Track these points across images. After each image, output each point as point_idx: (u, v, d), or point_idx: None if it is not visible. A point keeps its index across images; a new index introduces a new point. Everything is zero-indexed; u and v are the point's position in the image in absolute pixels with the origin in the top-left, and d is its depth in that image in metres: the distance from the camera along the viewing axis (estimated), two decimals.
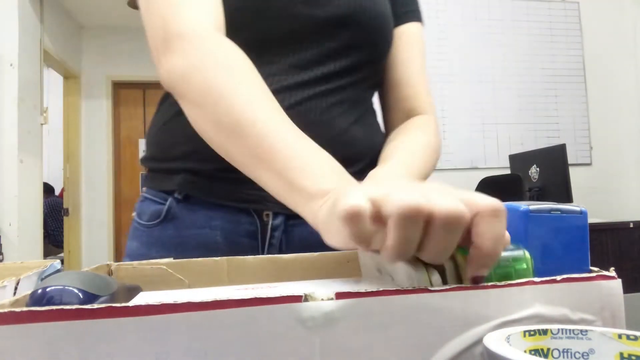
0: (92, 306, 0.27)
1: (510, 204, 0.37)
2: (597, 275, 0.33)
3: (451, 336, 0.30)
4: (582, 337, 0.27)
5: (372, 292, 0.30)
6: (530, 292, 0.31)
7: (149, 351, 0.27)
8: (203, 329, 0.28)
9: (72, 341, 0.26)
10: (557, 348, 0.27)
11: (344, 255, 0.49)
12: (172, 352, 0.27)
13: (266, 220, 0.63)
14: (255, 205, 0.62)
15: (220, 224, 0.63)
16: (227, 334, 0.28)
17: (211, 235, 0.62)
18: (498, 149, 3.57)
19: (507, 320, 0.30)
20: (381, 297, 0.30)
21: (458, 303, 0.30)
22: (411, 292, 0.30)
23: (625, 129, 3.74)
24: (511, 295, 0.31)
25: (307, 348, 0.28)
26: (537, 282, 0.31)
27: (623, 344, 0.26)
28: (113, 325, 0.27)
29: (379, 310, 0.29)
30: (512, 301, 0.31)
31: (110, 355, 0.26)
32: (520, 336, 0.27)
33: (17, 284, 0.41)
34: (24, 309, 0.26)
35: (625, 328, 0.32)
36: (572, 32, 3.74)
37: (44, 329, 0.26)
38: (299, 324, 0.28)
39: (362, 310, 0.29)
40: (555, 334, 0.28)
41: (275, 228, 0.63)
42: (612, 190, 3.64)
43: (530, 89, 3.64)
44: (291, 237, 0.65)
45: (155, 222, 0.65)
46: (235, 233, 0.63)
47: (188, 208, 0.64)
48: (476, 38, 3.59)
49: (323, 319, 0.28)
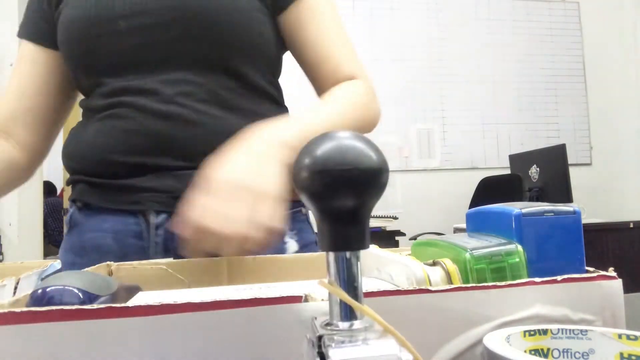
0: (92, 306, 0.27)
1: (503, 207, 0.37)
2: (598, 275, 0.33)
3: (452, 336, 0.30)
4: (582, 337, 0.27)
5: (372, 293, 0.30)
6: (531, 292, 0.31)
7: (149, 351, 0.27)
8: (203, 329, 0.27)
9: (72, 341, 0.26)
10: (557, 348, 0.27)
11: None
12: (172, 352, 0.27)
13: (149, 220, 0.66)
14: (139, 206, 0.66)
15: (111, 227, 0.67)
16: (227, 334, 0.28)
17: (103, 237, 0.67)
18: (498, 149, 3.57)
19: (508, 320, 0.30)
20: (381, 297, 0.30)
21: (458, 303, 0.30)
22: (411, 293, 0.30)
23: (625, 129, 3.74)
24: (511, 296, 0.31)
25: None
26: (538, 283, 0.31)
27: (623, 344, 0.26)
28: (113, 325, 0.27)
29: (379, 310, 0.29)
30: (512, 301, 0.31)
31: (111, 354, 0.26)
32: (520, 336, 0.27)
33: (17, 283, 0.41)
34: (24, 309, 0.26)
35: (625, 328, 0.32)
36: (572, 32, 3.74)
37: (44, 329, 0.26)
38: (299, 323, 0.28)
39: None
40: (555, 334, 0.28)
41: (158, 226, 0.66)
42: (612, 190, 3.64)
43: (530, 89, 3.64)
44: (176, 234, 0.66)
45: (67, 230, 0.72)
46: (124, 234, 0.66)
47: (86, 214, 0.70)
48: (476, 38, 3.59)
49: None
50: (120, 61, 0.68)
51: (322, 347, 0.22)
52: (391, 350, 0.21)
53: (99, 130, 0.67)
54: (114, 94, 0.67)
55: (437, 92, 3.51)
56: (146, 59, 0.67)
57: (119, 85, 0.67)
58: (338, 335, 0.23)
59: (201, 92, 0.67)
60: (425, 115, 3.45)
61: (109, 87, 0.68)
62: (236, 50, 0.69)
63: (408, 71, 3.43)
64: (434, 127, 3.49)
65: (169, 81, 0.66)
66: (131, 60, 0.68)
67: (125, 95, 0.67)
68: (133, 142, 0.65)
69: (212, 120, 0.66)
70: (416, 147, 3.45)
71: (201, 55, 0.67)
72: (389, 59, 3.39)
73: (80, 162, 0.69)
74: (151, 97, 0.66)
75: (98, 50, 0.68)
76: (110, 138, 0.66)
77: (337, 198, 0.23)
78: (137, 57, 0.67)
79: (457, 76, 3.54)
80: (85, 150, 0.68)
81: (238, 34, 0.69)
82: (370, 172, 0.23)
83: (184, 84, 0.66)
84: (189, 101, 0.66)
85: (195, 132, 0.65)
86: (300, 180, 0.24)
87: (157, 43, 0.67)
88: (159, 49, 0.67)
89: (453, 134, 3.51)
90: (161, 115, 0.65)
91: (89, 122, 0.70)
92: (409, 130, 3.43)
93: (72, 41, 0.70)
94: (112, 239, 0.66)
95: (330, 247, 0.24)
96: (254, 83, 0.71)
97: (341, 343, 0.22)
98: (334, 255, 0.24)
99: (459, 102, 3.53)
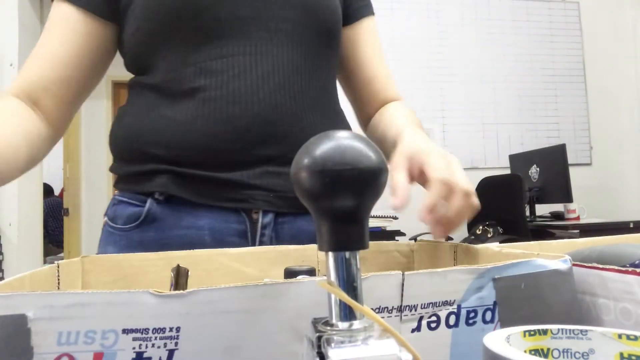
0: None
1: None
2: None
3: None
4: (582, 337, 0.27)
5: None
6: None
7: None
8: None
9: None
10: (557, 348, 0.27)
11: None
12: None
13: (255, 219, 0.63)
14: (243, 204, 0.62)
15: (208, 224, 0.62)
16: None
17: (198, 235, 0.62)
18: (498, 149, 3.57)
19: None
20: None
21: None
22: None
23: (625, 129, 3.74)
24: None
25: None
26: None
27: (623, 344, 0.26)
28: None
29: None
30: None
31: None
32: (520, 336, 0.27)
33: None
34: None
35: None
36: (572, 32, 3.74)
37: None
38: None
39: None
40: (555, 334, 0.28)
41: (265, 226, 0.64)
42: (612, 190, 3.64)
43: (530, 89, 3.64)
44: (281, 234, 0.65)
45: (132, 225, 0.64)
46: (224, 232, 0.62)
47: (171, 209, 0.63)
48: (476, 38, 3.59)
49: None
50: (228, 30, 0.62)
51: (322, 347, 0.22)
52: (391, 350, 0.21)
53: (196, 112, 0.61)
54: (216, 72, 0.62)
55: (437, 92, 3.50)
56: (255, 32, 0.63)
57: (220, 63, 0.62)
58: (338, 335, 0.23)
59: (309, 87, 0.67)
60: (425, 115, 3.45)
61: (209, 63, 0.62)
62: (333, 46, 0.72)
63: (408, 71, 3.43)
64: (434, 127, 3.48)
65: (279, 66, 0.64)
66: (241, 30, 0.63)
67: (228, 74, 0.61)
68: (245, 133, 0.60)
69: (313, 118, 0.67)
70: None
71: (309, 42, 0.68)
72: (389, 59, 3.37)
73: (168, 148, 0.61)
74: (261, 80, 0.62)
75: (206, 14, 0.62)
76: (217, 125, 0.60)
77: (336, 198, 0.23)
78: (247, 28, 0.63)
79: (457, 76, 3.54)
80: (178, 135, 0.61)
81: (336, 31, 0.72)
82: (370, 172, 0.23)
83: (294, 72, 0.65)
84: (296, 92, 0.65)
85: (302, 125, 0.64)
86: (299, 180, 0.24)
87: (271, 18, 0.64)
88: (270, 25, 0.64)
89: (453, 134, 3.51)
90: (271, 103, 0.62)
91: (174, 99, 0.63)
92: None
93: (175, 2, 0.62)
94: (210, 237, 0.62)
95: (330, 247, 0.24)
96: (334, 83, 0.76)
97: (341, 343, 0.22)
98: (333, 255, 0.24)
99: (459, 102, 3.53)
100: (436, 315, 0.33)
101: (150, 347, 0.27)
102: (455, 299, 0.33)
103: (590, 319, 0.36)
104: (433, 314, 0.33)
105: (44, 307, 0.26)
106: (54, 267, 0.42)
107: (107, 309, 0.26)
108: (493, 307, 0.34)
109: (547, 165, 3.00)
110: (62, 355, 0.26)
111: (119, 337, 0.26)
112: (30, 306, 0.26)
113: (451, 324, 0.33)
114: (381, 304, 0.31)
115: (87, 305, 0.26)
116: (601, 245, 0.44)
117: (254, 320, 0.28)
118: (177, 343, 0.27)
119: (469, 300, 0.33)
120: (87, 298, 0.26)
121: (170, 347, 0.27)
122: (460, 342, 0.33)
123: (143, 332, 0.27)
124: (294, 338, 0.29)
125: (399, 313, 0.32)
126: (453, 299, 0.33)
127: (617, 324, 0.34)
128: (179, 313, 0.27)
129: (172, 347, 0.27)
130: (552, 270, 0.35)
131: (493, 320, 0.34)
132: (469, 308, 0.33)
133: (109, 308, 0.26)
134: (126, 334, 0.27)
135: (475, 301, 0.33)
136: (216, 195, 0.62)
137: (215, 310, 0.28)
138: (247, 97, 0.61)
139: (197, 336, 0.27)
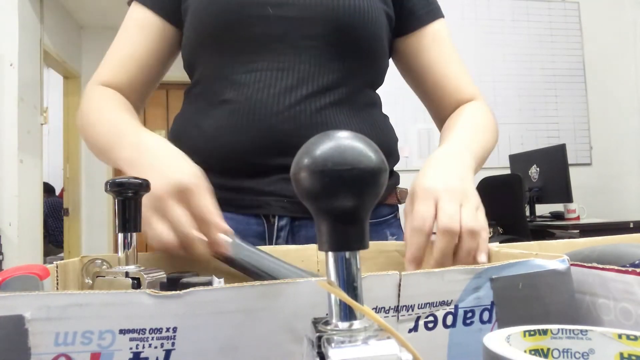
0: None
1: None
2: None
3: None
4: (582, 337, 0.27)
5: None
6: None
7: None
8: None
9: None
10: (557, 348, 0.27)
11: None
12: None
13: (272, 222, 0.68)
14: (260, 210, 0.67)
15: (233, 226, 0.65)
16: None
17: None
18: (498, 149, 3.57)
19: None
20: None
21: None
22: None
23: (625, 129, 3.74)
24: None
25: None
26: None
27: (623, 344, 0.26)
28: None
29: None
30: None
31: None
32: (520, 336, 0.27)
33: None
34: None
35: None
36: (572, 32, 3.74)
37: None
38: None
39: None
40: (555, 334, 0.27)
41: (281, 229, 0.68)
42: (612, 190, 3.64)
43: (530, 89, 3.64)
44: (297, 237, 0.68)
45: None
46: (245, 234, 0.66)
47: None
48: (476, 38, 3.59)
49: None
50: (259, 47, 0.67)
51: (322, 347, 0.22)
52: (391, 350, 0.21)
53: (223, 123, 0.66)
54: (242, 85, 0.67)
55: None
56: (284, 49, 0.67)
57: (247, 77, 0.67)
58: (338, 335, 0.22)
59: (335, 98, 0.68)
60: (425, 115, 3.40)
61: (238, 77, 0.67)
62: (369, 58, 0.73)
63: None
64: (434, 127, 3.47)
65: (302, 80, 0.67)
66: (270, 47, 0.67)
67: (254, 87, 0.66)
68: (262, 143, 0.65)
69: (337, 126, 0.68)
70: (416, 147, 3.45)
71: (339, 58, 0.69)
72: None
73: (196, 157, 0.65)
74: (283, 94, 0.66)
75: (240, 31, 0.67)
76: (239, 135, 0.65)
77: (336, 198, 0.23)
78: (276, 45, 0.67)
79: None
80: (205, 144, 0.67)
81: (372, 45, 0.72)
82: (369, 172, 0.23)
83: (318, 86, 0.67)
84: (320, 104, 0.67)
85: (314, 133, 0.65)
86: (299, 180, 0.23)
87: (300, 36, 0.67)
88: (299, 43, 0.67)
89: None
90: (291, 115, 0.65)
91: (208, 110, 0.69)
92: (409, 130, 3.43)
93: (216, 16, 0.68)
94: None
95: (330, 247, 0.24)
96: (372, 90, 0.77)
97: (341, 343, 0.22)
98: (333, 256, 0.24)
99: None
100: (433, 316, 0.33)
101: (147, 347, 0.27)
102: (453, 299, 0.33)
103: (590, 319, 0.36)
104: (430, 314, 0.33)
105: (41, 307, 0.26)
106: (52, 267, 0.42)
107: (104, 309, 0.26)
108: (490, 307, 0.34)
109: (547, 165, 3.00)
110: (60, 355, 0.26)
111: (116, 337, 0.26)
112: (28, 307, 0.26)
113: (448, 324, 0.33)
114: (378, 304, 0.31)
115: (84, 306, 0.26)
116: (601, 245, 0.44)
117: (250, 320, 0.28)
118: (174, 343, 0.27)
119: (466, 300, 0.33)
120: (84, 299, 0.26)
121: (167, 347, 0.27)
122: (457, 342, 0.33)
123: (140, 333, 0.27)
124: (291, 338, 0.29)
125: (396, 313, 0.32)
126: (450, 299, 0.33)
127: (617, 324, 0.34)
128: (176, 313, 0.27)
129: (169, 347, 0.27)
130: (549, 270, 0.34)
131: (490, 320, 0.34)
132: (467, 308, 0.33)
133: (106, 308, 0.26)
134: (123, 334, 0.26)
135: (473, 301, 0.33)
136: (235, 202, 0.67)
137: (212, 310, 0.28)
138: (268, 108, 0.65)
139: (194, 336, 0.27)
